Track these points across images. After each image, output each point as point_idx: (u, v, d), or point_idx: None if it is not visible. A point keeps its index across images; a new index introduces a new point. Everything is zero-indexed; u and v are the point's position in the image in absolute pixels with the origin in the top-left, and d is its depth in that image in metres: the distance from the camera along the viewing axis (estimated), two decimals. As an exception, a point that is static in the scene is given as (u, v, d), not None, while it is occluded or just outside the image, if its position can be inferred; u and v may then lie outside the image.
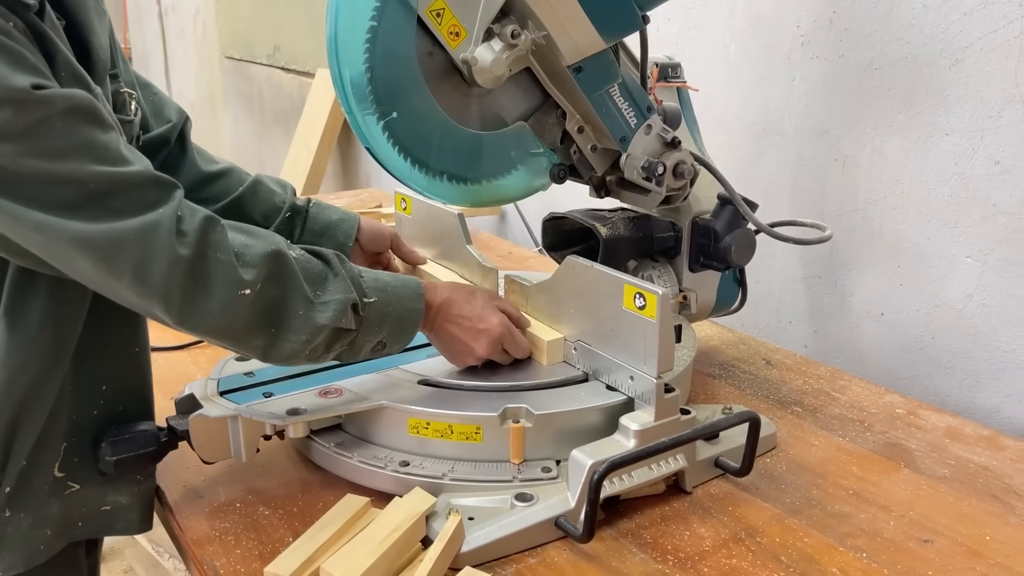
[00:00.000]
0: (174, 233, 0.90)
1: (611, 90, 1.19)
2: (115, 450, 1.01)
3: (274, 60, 4.33)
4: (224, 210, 1.29)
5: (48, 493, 1.02)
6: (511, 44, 1.07)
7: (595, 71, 1.16)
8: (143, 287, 0.91)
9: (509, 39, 1.07)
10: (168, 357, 1.54)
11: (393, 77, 1.07)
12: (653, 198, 1.26)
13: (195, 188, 1.29)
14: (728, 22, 1.79)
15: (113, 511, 1.08)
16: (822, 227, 1.37)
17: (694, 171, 1.26)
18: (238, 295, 0.93)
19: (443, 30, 1.06)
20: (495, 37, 1.08)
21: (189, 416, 1.05)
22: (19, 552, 1.02)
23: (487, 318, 1.15)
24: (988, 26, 1.34)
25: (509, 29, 1.07)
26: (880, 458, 1.21)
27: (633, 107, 1.22)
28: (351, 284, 1.03)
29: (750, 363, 1.52)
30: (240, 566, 0.98)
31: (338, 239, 1.34)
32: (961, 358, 1.48)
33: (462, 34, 1.07)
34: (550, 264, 1.38)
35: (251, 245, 0.97)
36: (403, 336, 1.09)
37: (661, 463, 1.07)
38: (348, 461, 1.09)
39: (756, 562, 0.98)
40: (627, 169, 1.24)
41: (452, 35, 1.07)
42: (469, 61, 1.08)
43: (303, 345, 0.99)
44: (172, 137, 1.27)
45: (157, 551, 2.56)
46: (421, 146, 1.12)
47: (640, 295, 1.04)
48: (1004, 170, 1.36)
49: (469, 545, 0.97)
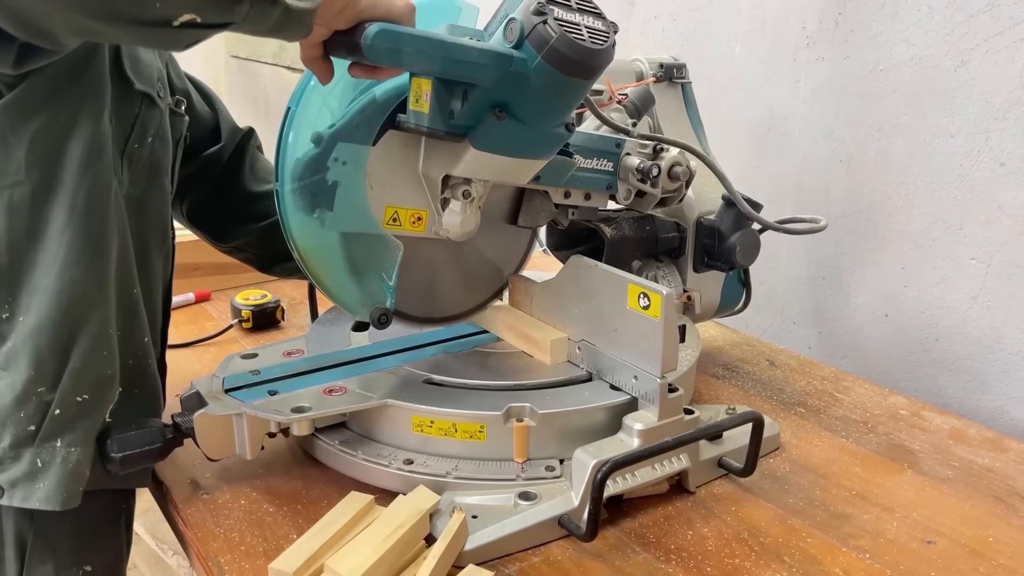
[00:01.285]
0: None
1: (576, 169, 1.18)
2: (121, 446, 1.01)
3: (280, 59, 4.33)
4: (266, 231, 1.36)
5: (97, 436, 1.00)
6: (469, 199, 1.10)
7: (553, 170, 1.15)
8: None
9: (463, 198, 1.09)
10: (173, 354, 1.54)
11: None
12: (649, 200, 1.26)
13: (241, 206, 1.38)
14: (733, 23, 1.79)
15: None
16: (817, 219, 1.36)
17: (690, 172, 1.25)
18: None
19: (406, 227, 1.11)
20: (451, 201, 1.10)
21: (194, 413, 1.06)
22: (59, 488, 0.96)
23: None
24: (994, 28, 1.34)
25: (460, 191, 1.09)
26: (883, 459, 1.21)
27: (603, 156, 1.20)
28: None
29: (754, 364, 1.52)
30: (244, 563, 0.98)
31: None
32: (965, 360, 1.47)
33: (424, 216, 1.12)
34: (554, 264, 1.38)
35: None
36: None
37: (664, 463, 1.07)
38: (352, 459, 1.10)
39: (759, 562, 0.98)
40: (620, 195, 1.24)
41: (416, 222, 1.12)
42: (442, 233, 1.13)
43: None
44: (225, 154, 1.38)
45: (161, 547, 2.56)
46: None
47: (644, 295, 1.04)
48: (1009, 172, 1.36)
49: (472, 543, 0.97)
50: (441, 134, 1.01)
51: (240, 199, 1.40)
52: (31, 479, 0.96)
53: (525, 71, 0.95)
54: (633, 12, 2.02)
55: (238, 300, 1.65)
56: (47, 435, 0.96)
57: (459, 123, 1.00)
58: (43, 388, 0.95)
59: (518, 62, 0.95)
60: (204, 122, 1.38)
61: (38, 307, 0.95)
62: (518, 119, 1.00)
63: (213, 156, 1.39)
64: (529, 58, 0.95)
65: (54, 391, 0.96)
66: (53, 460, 0.96)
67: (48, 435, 0.96)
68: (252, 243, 1.43)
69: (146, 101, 1.04)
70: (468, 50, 0.94)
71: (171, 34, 0.76)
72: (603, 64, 0.98)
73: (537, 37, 0.94)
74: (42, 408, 0.96)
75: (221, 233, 1.45)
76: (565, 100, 1.01)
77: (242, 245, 1.45)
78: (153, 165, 1.08)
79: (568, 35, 0.93)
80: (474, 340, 1.29)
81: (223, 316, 1.72)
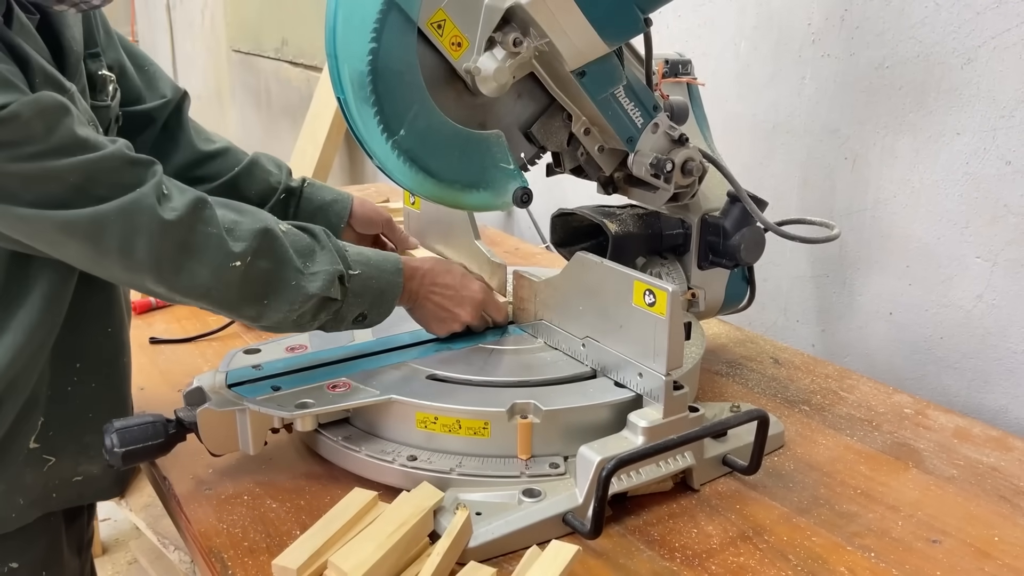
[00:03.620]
0: (156, 207, 0.95)
1: (616, 92, 1.18)
2: (123, 441, 1.01)
3: (282, 54, 4.33)
4: (220, 189, 1.31)
5: (23, 464, 1.06)
6: (513, 52, 1.07)
7: (599, 75, 1.15)
8: (130, 261, 0.95)
9: (511, 47, 1.07)
10: (176, 349, 1.54)
11: (396, 92, 1.06)
12: (661, 195, 1.26)
13: (191, 166, 1.31)
14: (739, 19, 1.78)
15: (85, 480, 1.12)
16: (830, 225, 1.36)
17: (702, 168, 1.25)
18: (229, 266, 0.98)
19: (445, 41, 1.07)
20: (497, 46, 1.08)
21: (197, 409, 1.06)
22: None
23: (468, 285, 1.23)
24: (1001, 25, 1.34)
25: (511, 37, 1.07)
26: (888, 458, 1.21)
27: (639, 107, 1.22)
28: (337, 256, 1.08)
29: (758, 361, 1.52)
30: (247, 559, 0.98)
31: (330, 219, 1.37)
32: (970, 358, 1.47)
33: (464, 44, 1.07)
34: (558, 260, 1.38)
35: (240, 221, 1.02)
36: (383, 307, 1.15)
37: (669, 460, 1.07)
38: (356, 455, 1.09)
39: (764, 560, 0.98)
40: (635, 167, 1.24)
41: (454, 46, 1.07)
42: (472, 71, 1.08)
43: (292, 313, 1.05)
44: (163, 114, 1.29)
45: (162, 543, 2.55)
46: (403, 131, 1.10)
47: (650, 292, 1.03)
48: (1016, 170, 1.36)
49: (476, 540, 0.97)
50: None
51: (192, 160, 1.32)
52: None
53: None
54: (637, 8, 2.01)
55: (241, 295, 1.65)
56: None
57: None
58: None
59: None
60: (136, 90, 1.29)
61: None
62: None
63: (148, 114, 1.29)
64: None
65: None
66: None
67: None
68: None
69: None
70: None
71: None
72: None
73: None
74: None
75: None
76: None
77: None
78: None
79: None
80: (477, 337, 1.29)
81: (225, 311, 1.71)
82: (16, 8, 0.97)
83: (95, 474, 1.13)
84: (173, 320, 1.67)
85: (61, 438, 1.09)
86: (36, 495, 1.08)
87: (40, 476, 1.08)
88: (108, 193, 0.93)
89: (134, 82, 1.27)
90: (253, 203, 1.31)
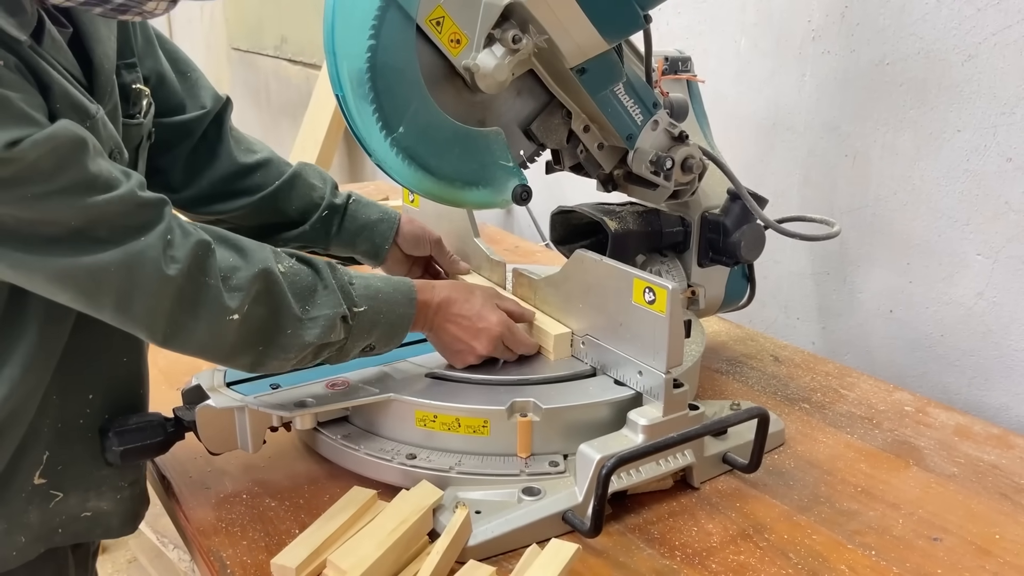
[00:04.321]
0: (160, 262, 0.88)
1: (616, 89, 1.18)
2: (121, 440, 1.01)
3: (281, 52, 4.32)
4: (259, 203, 1.27)
5: (26, 500, 0.98)
6: (513, 49, 1.06)
7: (599, 72, 1.15)
8: (125, 317, 0.89)
9: (511, 44, 1.06)
10: (174, 348, 1.54)
11: (395, 89, 1.05)
12: (661, 192, 1.25)
13: (229, 179, 1.26)
14: (739, 16, 1.77)
15: (94, 516, 1.04)
16: (831, 223, 1.36)
17: (702, 165, 1.25)
18: (226, 320, 0.93)
19: (444, 38, 1.06)
20: (496, 43, 1.07)
21: (196, 407, 1.05)
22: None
23: (486, 316, 1.15)
24: (1002, 21, 1.33)
25: (510, 34, 1.06)
26: (889, 455, 1.20)
27: (639, 104, 1.21)
28: (341, 296, 1.02)
29: (758, 359, 1.52)
30: (246, 557, 0.98)
31: (375, 240, 1.32)
32: (970, 356, 1.47)
33: (463, 41, 1.06)
34: (557, 258, 1.38)
35: (239, 268, 0.95)
36: (392, 340, 1.10)
37: (669, 458, 1.07)
38: (355, 453, 1.09)
39: (764, 559, 0.98)
40: (635, 164, 1.24)
41: (453, 43, 1.07)
42: (471, 68, 1.07)
43: (288, 362, 1.01)
44: (201, 126, 1.24)
45: (161, 541, 2.56)
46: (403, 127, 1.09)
47: (650, 290, 1.03)
48: (1016, 167, 1.35)
49: (476, 539, 0.96)
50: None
51: (231, 174, 1.28)
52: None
53: None
54: (637, 5, 2.01)
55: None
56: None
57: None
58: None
59: None
60: (177, 98, 1.25)
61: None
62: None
63: (189, 124, 1.25)
64: None
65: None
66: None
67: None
68: (244, 215, 1.31)
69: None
70: None
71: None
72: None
73: None
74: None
75: (200, 204, 1.30)
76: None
77: (230, 219, 1.32)
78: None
79: None
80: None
81: (225, 309, 1.71)
82: (48, 22, 0.90)
83: (105, 510, 1.05)
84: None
85: (70, 473, 1.01)
86: (40, 532, 1.00)
87: (45, 513, 1.00)
88: (110, 237, 0.86)
89: (174, 89, 1.22)
90: (293, 220, 1.29)
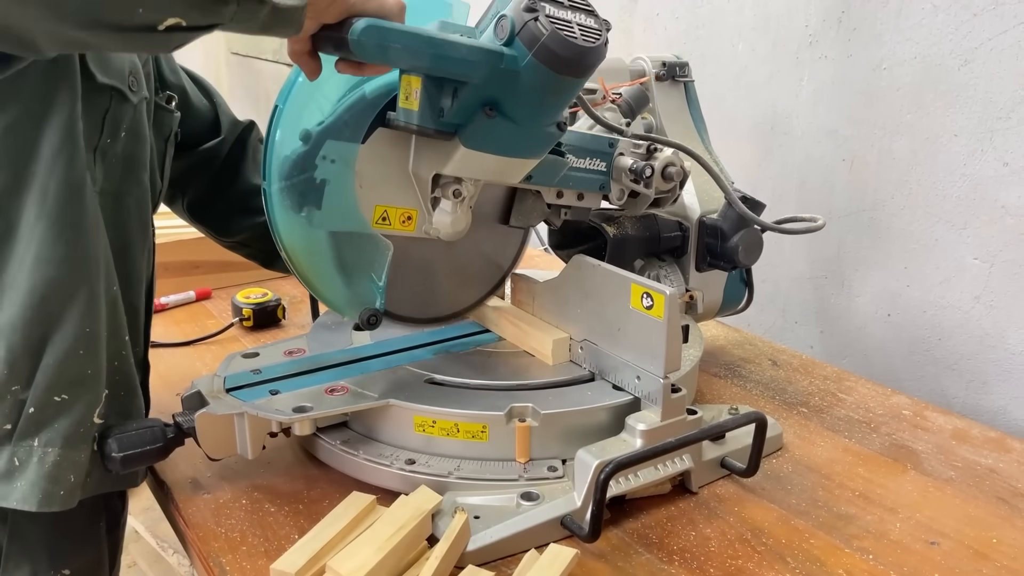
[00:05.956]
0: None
1: (567, 170, 1.16)
2: (121, 446, 1.01)
3: (280, 56, 4.33)
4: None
5: (83, 437, 0.97)
6: (460, 199, 1.08)
7: (545, 170, 1.13)
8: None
9: (453, 197, 1.07)
10: (174, 353, 1.54)
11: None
12: (642, 200, 1.25)
13: (247, 196, 1.36)
14: (736, 21, 1.78)
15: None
16: (815, 219, 1.35)
17: (684, 173, 1.24)
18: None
19: (396, 226, 1.09)
20: (442, 201, 1.08)
21: (195, 413, 1.05)
22: (35, 488, 0.94)
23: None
24: (998, 26, 1.34)
25: (451, 190, 1.07)
26: (886, 459, 1.21)
27: (596, 156, 1.19)
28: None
29: (756, 363, 1.52)
30: (245, 563, 0.98)
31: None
32: (968, 360, 1.47)
33: (414, 216, 1.10)
34: (556, 263, 1.38)
35: None
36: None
37: (667, 463, 1.07)
38: (354, 459, 1.09)
39: (762, 563, 0.98)
40: (614, 196, 1.23)
41: (406, 221, 1.10)
42: (432, 233, 1.11)
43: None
44: (221, 152, 1.35)
45: (161, 546, 2.56)
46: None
47: (648, 295, 1.03)
48: (1013, 172, 1.36)
49: (475, 544, 0.96)
50: (431, 132, 0.99)
51: (243, 193, 1.39)
52: (8, 478, 0.94)
53: (516, 68, 0.94)
54: (636, 9, 2.02)
55: (239, 298, 1.65)
56: (23, 433, 0.95)
57: (449, 121, 0.99)
58: (17, 386, 0.94)
59: (508, 59, 0.94)
60: (202, 116, 1.37)
61: (10, 303, 0.93)
62: (509, 117, 0.99)
63: (212, 150, 1.38)
64: (520, 55, 0.94)
65: (28, 389, 0.95)
66: (29, 459, 0.95)
67: (24, 434, 0.95)
68: (255, 237, 1.42)
69: (116, 96, 1.01)
70: (458, 47, 0.93)
71: (157, 38, 0.76)
72: (595, 62, 0.96)
73: (528, 34, 0.93)
74: (17, 406, 0.94)
75: (224, 227, 1.44)
76: (556, 98, 1.00)
77: (245, 240, 1.44)
78: (128, 161, 1.05)
79: (559, 32, 0.92)
80: (476, 340, 1.29)
81: (224, 314, 1.71)
82: None
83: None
84: (172, 323, 1.67)
85: (125, 415, 1.04)
86: (89, 474, 0.99)
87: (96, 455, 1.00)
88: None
89: (199, 111, 1.29)
90: None
